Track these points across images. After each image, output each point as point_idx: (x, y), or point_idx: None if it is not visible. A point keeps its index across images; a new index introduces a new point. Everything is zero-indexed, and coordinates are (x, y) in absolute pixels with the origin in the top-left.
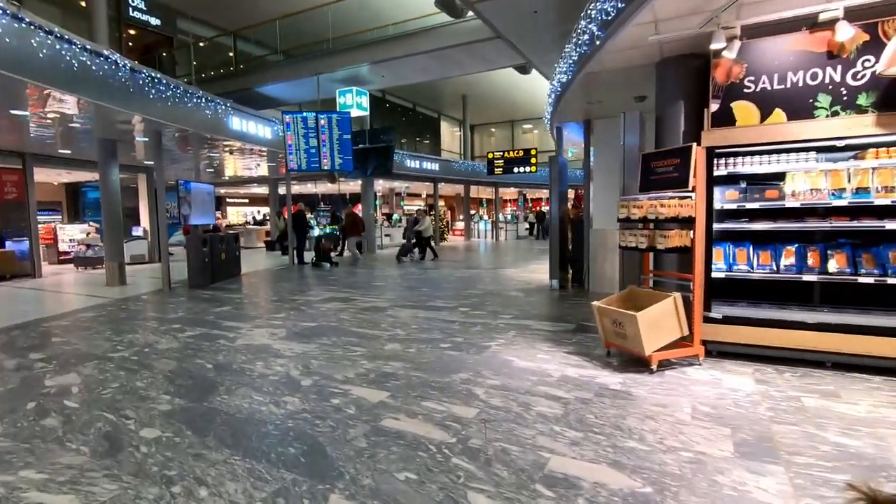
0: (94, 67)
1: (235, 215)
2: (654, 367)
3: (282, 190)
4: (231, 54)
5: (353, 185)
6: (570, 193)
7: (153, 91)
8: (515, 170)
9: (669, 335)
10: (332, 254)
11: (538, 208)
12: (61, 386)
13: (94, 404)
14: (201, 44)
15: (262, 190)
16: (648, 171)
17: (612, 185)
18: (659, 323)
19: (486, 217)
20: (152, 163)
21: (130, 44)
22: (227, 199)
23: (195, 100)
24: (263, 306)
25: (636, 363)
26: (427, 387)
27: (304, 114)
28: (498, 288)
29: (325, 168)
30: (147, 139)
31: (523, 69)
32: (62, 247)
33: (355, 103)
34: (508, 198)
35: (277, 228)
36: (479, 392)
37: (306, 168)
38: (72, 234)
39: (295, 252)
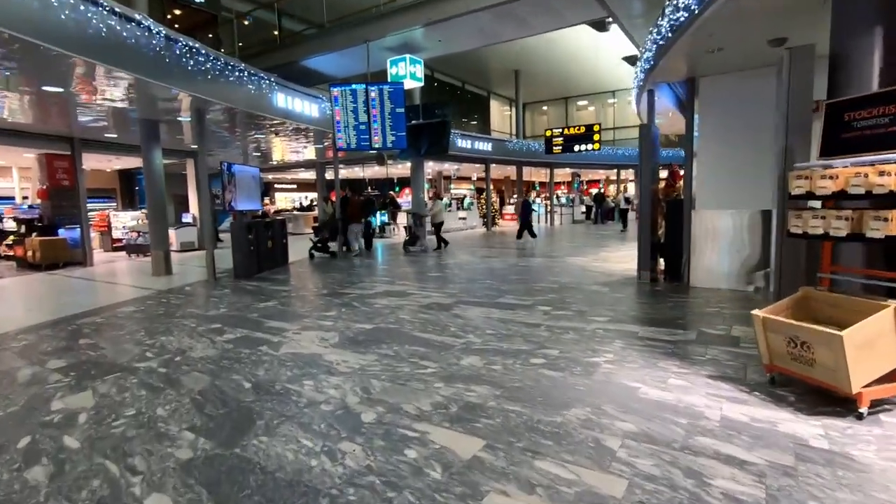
0: (125, 34)
1: (283, 201)
2: (863, 409)
3: (329, 175)
4: (276, 32)
5: (401, 168)
6: (663, 172)
7: (191, 62)
8: (576, 148)
9: (886, 363)
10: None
11: (594, 190)
12: (69, 411)
13: (98, 444)
14: (245, 22)
15: (310, 175)
16: (839, 127)
17: (726, 157)
18: (873, 345)
19: (539, 200)
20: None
21: (176, 25)
22: (276, 185)
23: (237, 73)
24: (312, 301)
25: (824, 398)
26: (534, 431)
27: (354, 86)
28: (574, 280)
29: (377, 146)
30: (189, 118)
31: (601, 25)
32: (116, 234)
33: (408, 73)
34: (560, 180)
35: (325, 214)
36: (612, 445)
37: (356, 146)
38: (124, 221)
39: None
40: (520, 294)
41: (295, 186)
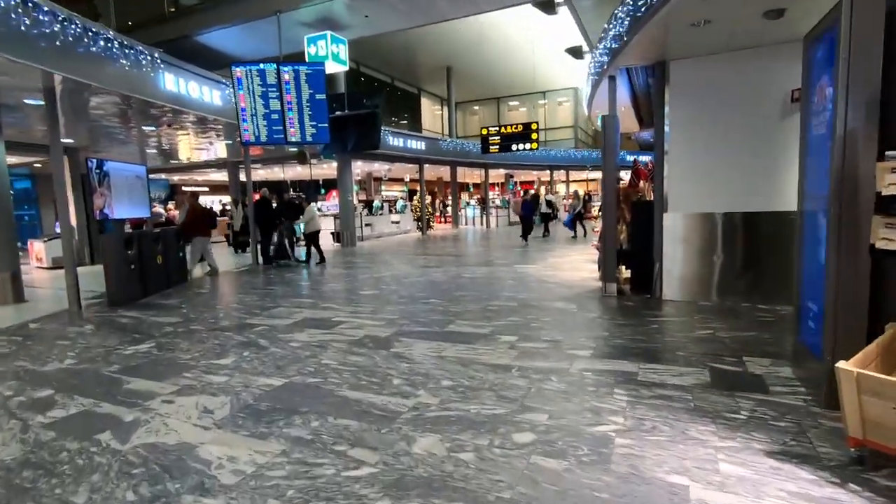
0: None
1: None
2: None
3: (243, 176)
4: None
5: (326, 169)
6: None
7: (27, 20)
8: (513, 147)
9: None
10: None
11: (528, 191)
12: None
13: None
14: None
15: (222, 176)
16: None
17: (703, 152)
18: None
19: (473, 202)
20: (72, 141)
21: None
22: (184, 188)
23: (103, 43)
24: (205, 340)
25: None
26: None
27: (262, 66)
28: (533, 296)
29: (293, 139)
30: (40, 102)
31: (549, 5)
32: None
33: (330, 53)
34: (493, 181)
35: (237, 220)
36: None
37: (267, 140)
38: None
39: (259, 249)
40: (474, 318)
41: (207, 189)
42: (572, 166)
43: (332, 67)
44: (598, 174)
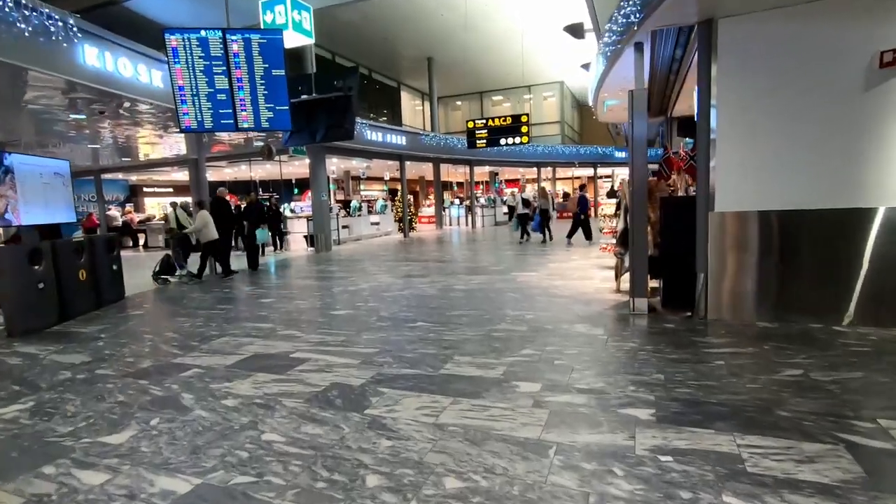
0: None
1: (156, 207)
2: None
3: (210, 175)
4: None
5: (300, 167)
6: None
7: None
8: (502, 142)
9: None
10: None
11: (511, 189)
12: None
13: None
14: None
15: (182, 175)
16: None
17: (763, 132)
18: None
19: (457, 202)
20: None
21: None
22: (145, 189)
23: None
24: (106, 394)
25: None
26: None
27: (204, 33)
28: (544, 316)
29: (245, 125)
30: None
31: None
32: None
33: (290, 21)
34: (478, 180)
35: (173, 226)
36: None
37: (213, 126)
38: None
39: (215, 259)
40: (477, 350)
41: (171, 190)
42: (559, 163)
43: (293, 39)
44: (584, 171)
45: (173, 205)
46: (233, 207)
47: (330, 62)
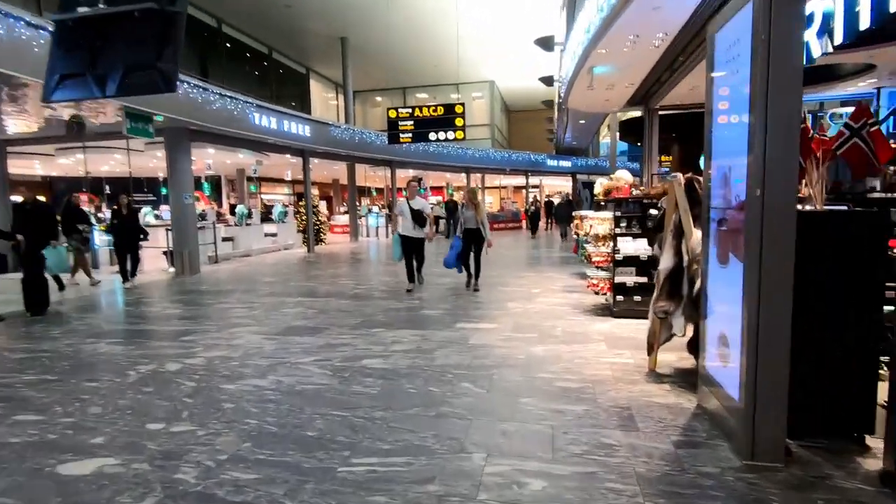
0: None
1: None
2: None
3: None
4: None
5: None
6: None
7: None
8: (432, 136)
9: None
10: None
11: (436, 198)
12: None
13: None
14: None
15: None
16: None
17: None
18: None
19: (375, 209)
20: None
21: None
22: None
23: None
24: None
25: None
26: None
27: None
28: (551, 459)
29: None
30: None
31: None
32: None
33: None
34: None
35: None
36: None
37: None
38: None
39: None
40: None
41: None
42: (490, 169)
43: None
44: (515, 180)
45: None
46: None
47: (217, 31)
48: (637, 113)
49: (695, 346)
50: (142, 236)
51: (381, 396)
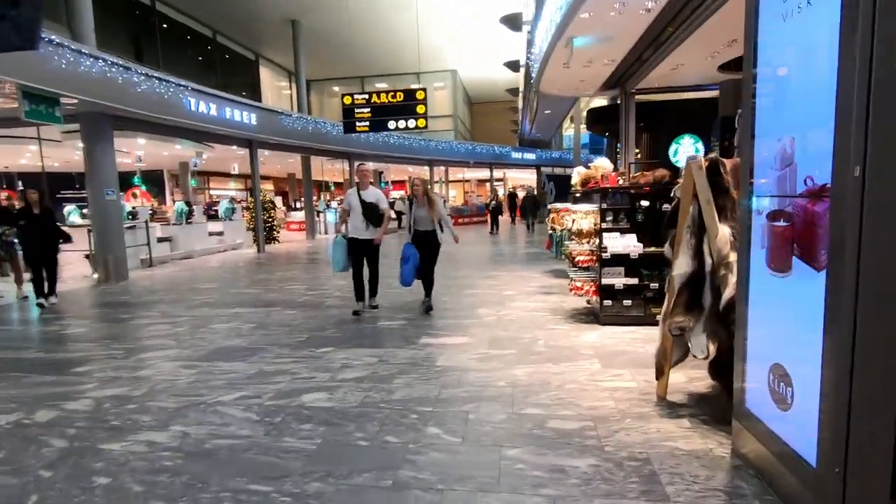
0: None
1: None
2: None
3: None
4: None
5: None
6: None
7: None
8: (391, 125)
9: None
10: None
11: (398, 192)
12: None
13: None
14: None
15: None
16: None
17: None
18: None
19: (334, 205)
20: None
21: None
22: None
23: None
24: None
25: None
26: None
27: None
28: None
29: None
30: None
31: None
32: None
33: None
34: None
35: None
36: None
37: None
38: None
39: None
40: None
41: None
42: (453, 162)
43: None
44: (479, 173)
45: None
46: None
47: (150, 9)
48: (604, 102)
49: (720, 369)
50: (62, 241)
51: (320, 455)
